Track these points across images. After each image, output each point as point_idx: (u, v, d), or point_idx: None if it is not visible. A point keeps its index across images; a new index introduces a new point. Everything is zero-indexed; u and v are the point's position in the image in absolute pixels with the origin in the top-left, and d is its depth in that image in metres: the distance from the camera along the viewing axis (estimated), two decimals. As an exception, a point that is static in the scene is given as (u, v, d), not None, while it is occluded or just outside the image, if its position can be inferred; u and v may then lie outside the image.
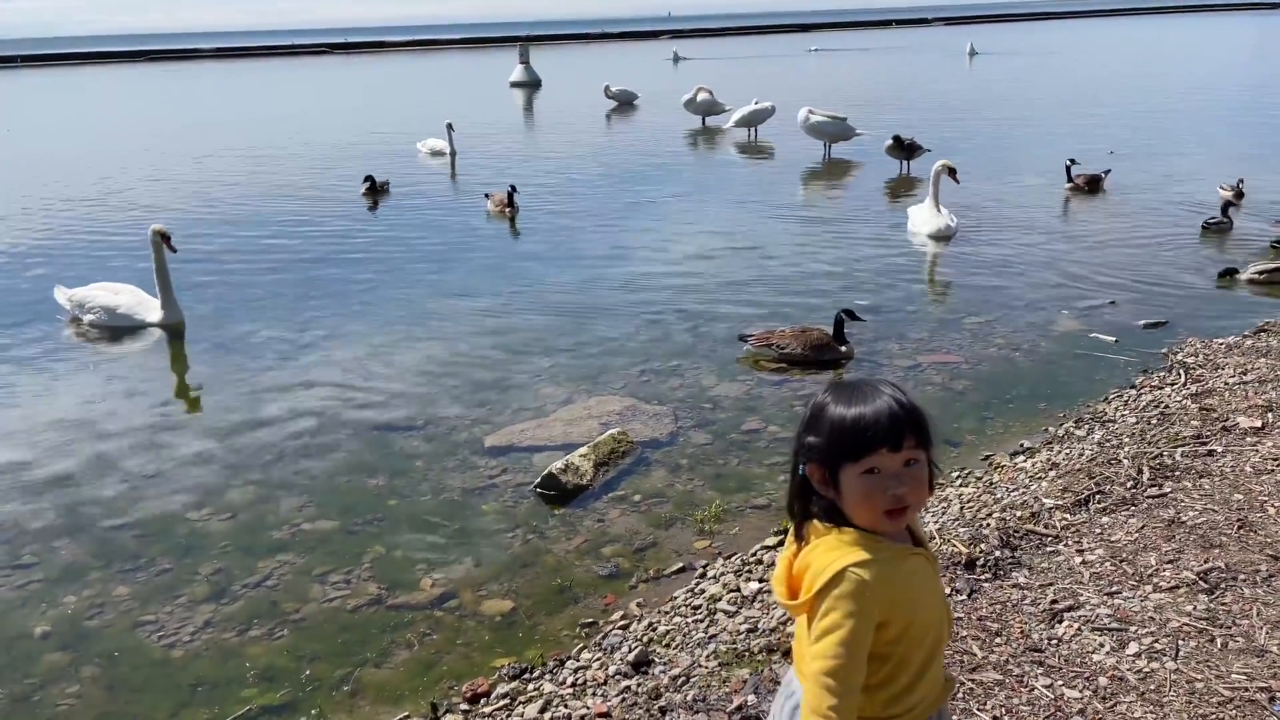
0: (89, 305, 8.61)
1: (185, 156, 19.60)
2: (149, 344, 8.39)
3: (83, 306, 8.64)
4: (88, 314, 8.61)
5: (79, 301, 8.65)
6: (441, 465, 5.91)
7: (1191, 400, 5.92)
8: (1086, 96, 26.14)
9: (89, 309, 8.61)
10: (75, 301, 8.67)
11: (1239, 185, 11.86)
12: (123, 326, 8.55)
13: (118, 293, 8.71)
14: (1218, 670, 3.32)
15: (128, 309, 8.63)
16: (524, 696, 3.73)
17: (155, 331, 8.55)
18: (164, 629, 4.42)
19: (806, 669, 1.81)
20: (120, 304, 8.64)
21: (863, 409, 1.82)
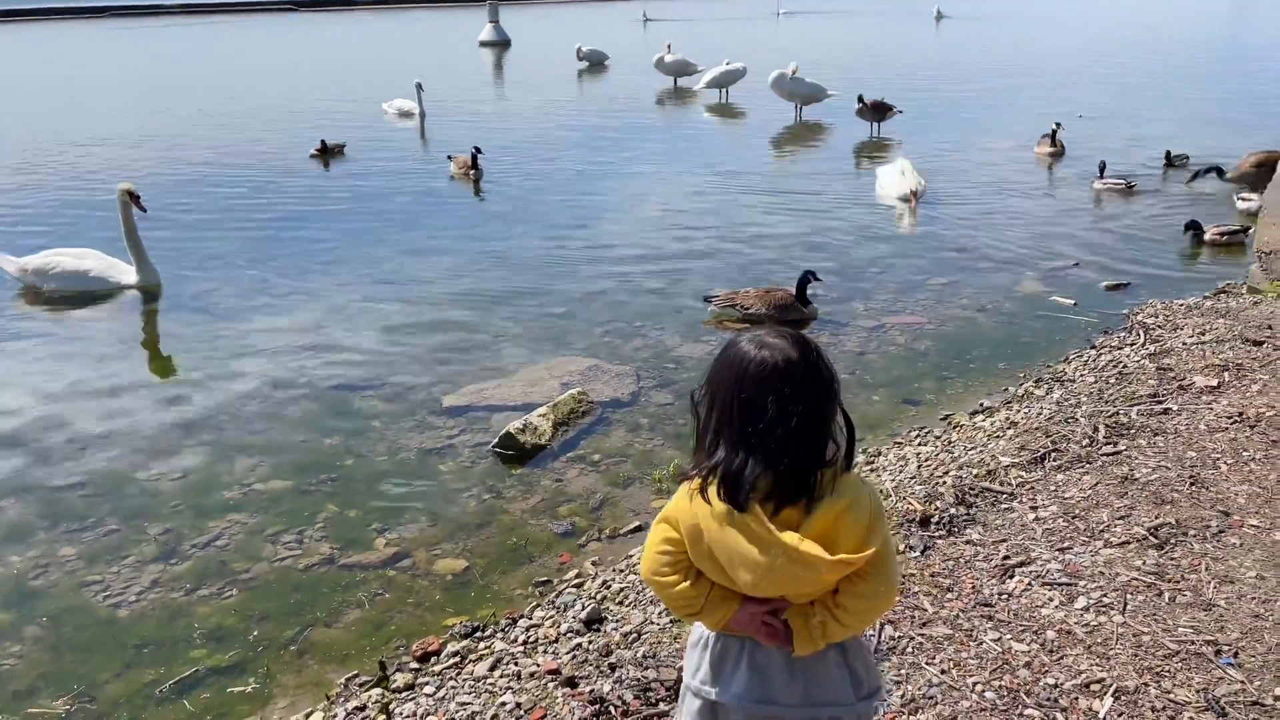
0: (51, 271, 8.20)
1: (142, 116, 19.13)
2: (117, 307, 8.12)
3: (43, 274, 8.21)
4: (49, 281, 8.20)
5: (37, 269, 8.23)
6: (399, 425, 5.84)
7: (1150, 360, 5.95)
8: (1055, 59, 26.12)
9: (51, 275, 8.20)
10: (32, 269, 8.24)
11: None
12: (93, 291, 8.21)
13: (82, 257, 8.35)
14: (1165, 624, 3.34)
15: (100, 272, 8.29)
16: (474, 654, 3.69)
17: (127, 295, 8.26)
18: (110, 589, 4.35)
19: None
20: (91, 268, 8.29)
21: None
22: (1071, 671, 3.14)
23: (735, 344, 1.98)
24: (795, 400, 1.88)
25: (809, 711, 2.01)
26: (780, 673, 2.01)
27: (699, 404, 2.00)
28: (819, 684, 2.01)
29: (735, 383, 1.92)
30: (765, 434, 1.88)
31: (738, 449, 1.91)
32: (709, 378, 2.00)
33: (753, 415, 1.89)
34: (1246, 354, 5.81)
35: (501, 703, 3.31)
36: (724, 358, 1.98)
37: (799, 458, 1.90)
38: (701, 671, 2.08)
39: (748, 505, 1.90)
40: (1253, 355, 5.78)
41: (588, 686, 3.29)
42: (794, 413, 1.88)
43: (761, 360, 1.91)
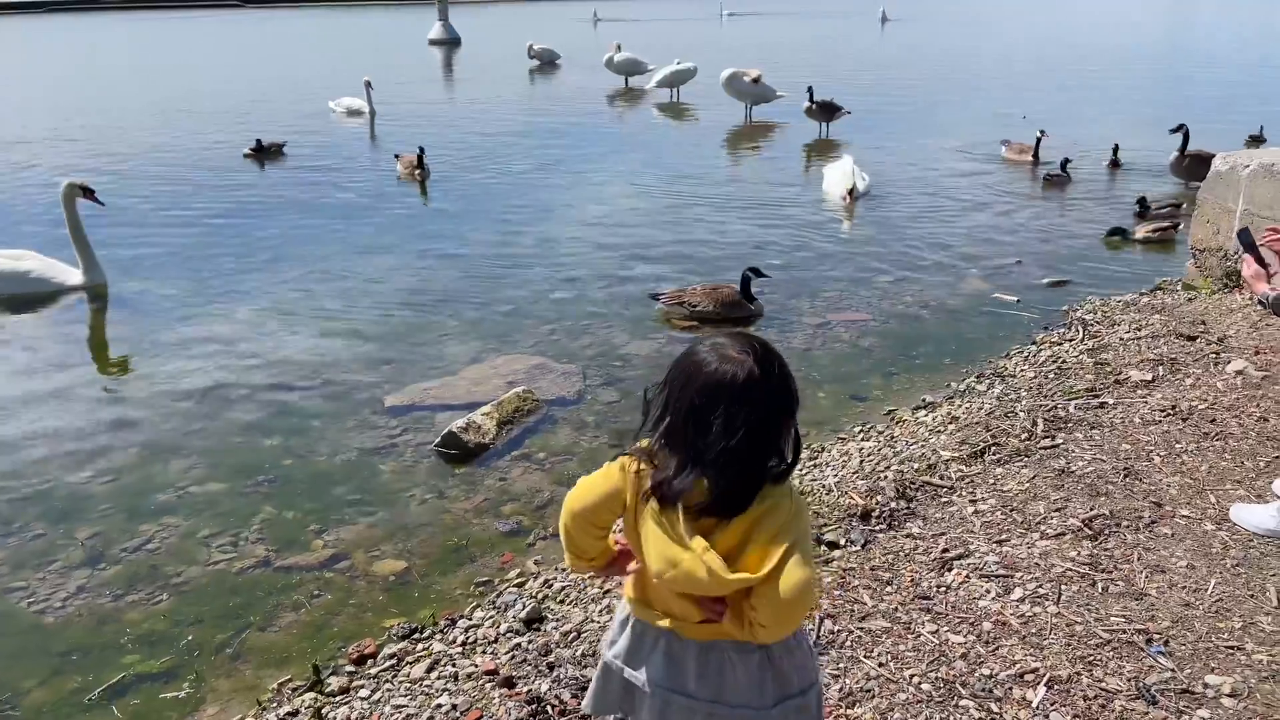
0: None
1: (78, 113, 18.68)
2: (57, 309, 7.81)
3: None
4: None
5: None
6: (340, 425, 5.73)
7: (1088, 355, 6.05)
8: (1001, 62, 26.57)
9: None
10: None
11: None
12: (33, 293, 7.87)
13: (19, 258, 8.00)
14: (1097, 613, 3.38)
15: (41, 273, 7.95)
16: (411, 656, 3.63)
17: (69, 296, 7.97)
18: (36, 595, 4.21)
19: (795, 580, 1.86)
20: (31, 269, 7.94)
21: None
22: (1006, 662, 3.17)
23: (697, 350, 1.96)
24: (746, 416, 1.86)
25: (720, 709, 2.01)
26: (694, 664, 2.01)
27: (651, 399, 2.00)
28: (733, 683, 2.01)
29: (690, 389, 1.90)
30: (710, 445, 1.87)
31: (681, 454, 1.90)
32: (667, 378, 1.98)
33: (701, 425, 1.88)
34: (1180, 349, 5.93)
35: (438, 704, 3.26)
36: (685, 362, 1.96)
37: (739, 474, 1.89)
38: (617, 647, 2.13)
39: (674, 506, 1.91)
40: (1186, 350, 5.90)
41: (525, 686, 3.25)
42: (742, 428, 1.86)
43: (721, 373, 1.88)
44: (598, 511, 2.04)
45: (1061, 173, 11.87)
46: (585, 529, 2.07)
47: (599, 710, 2.24)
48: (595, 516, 2.05)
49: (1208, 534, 3.86)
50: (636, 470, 2.00)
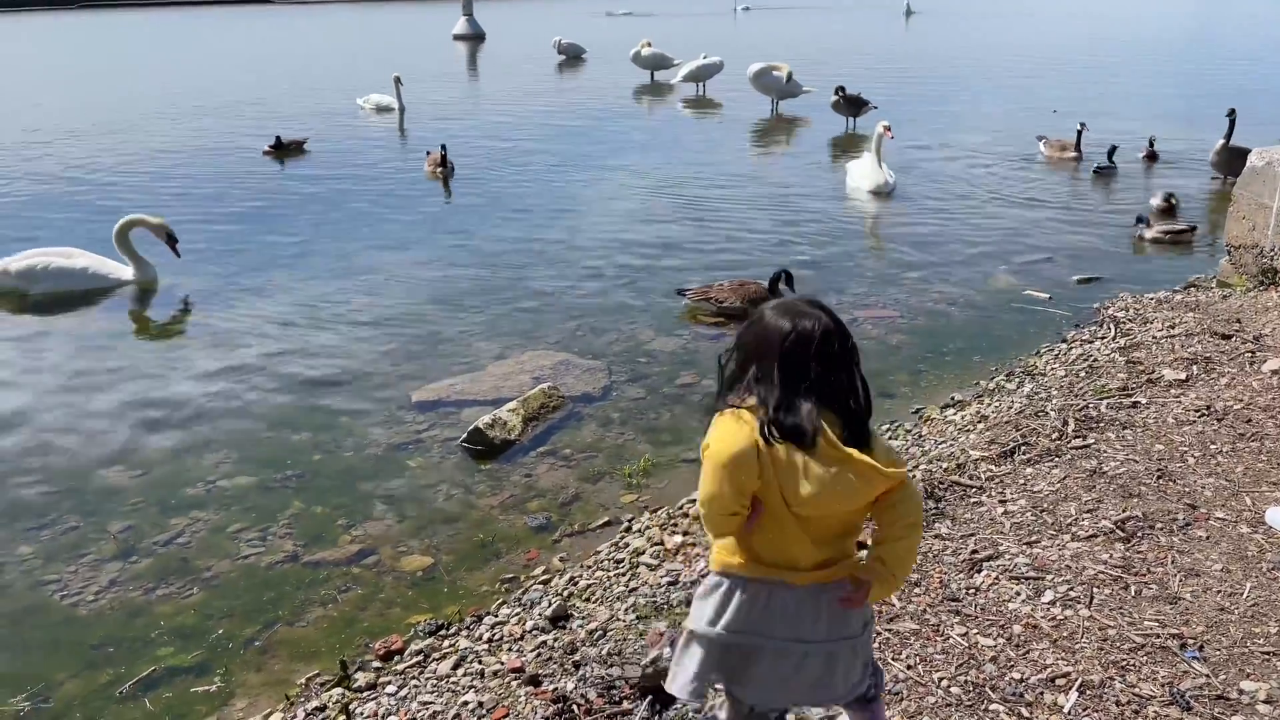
0: (41, 272, 7.90)
1: (110, 110, 18.89)
2: (101, 307, 7.88)
3: (29, 276, 7.88)
4: (41, 283, 7.89)
5: (21, 272, 7.88)
6: (367, 421, 5.77)
7: (1120, 354, 5.97)
8: (1028, 55, 26.26)
9: (41, 277, 7.90)
10: (15, 272, 7.88)
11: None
12: (88, 290, 7.99)
13: (72, 256, 8.10)
14: (1130, 617, 3.33)
15: (97, 270, 8.09)
16: (438, 653, 3.65)
17: (117, 294, 8.06)
18: (68, 588, 4.26)
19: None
20: (86, 266, 8.08)
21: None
22: (1037, 666, 3.13)
23: (771, 314, 2.18)
24: (841, 357, 2.14)
25: (830, 645, 2.24)
26: (808, 609, 2.21)
27: (728, 365, 2.23)
28: (837, 620, 2.23)
29: (778, 345, 2.11)
30: (821, 387, 2.10)
31: (788, 401, 2.09)
32: (745, 346, 2.19)
33: (802, 372, 2.10)
34: (1215, 347, 5.84)
35: (464, 702, 3.27)
36: (764, 324, 2.16)
37: (856, 407, 2.15)
38: (721, 618, 2.22)
39: (815, 442, 2.08)
40: (1221, 349, 5.81)
41: (551, 685, 3.25)
42: (843, 369, 2.14)
43: (807, 325, 2.12)
44: (747, 456, 2.09)
45: (1110, 164, 11.69)
46: (745, 473, 2.09)
47: (698, 690, 2.31)
48: (747, 462, 2.09)
49: (1243, 537, 3.79)
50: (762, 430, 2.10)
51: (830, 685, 2.28)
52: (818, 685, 2.27)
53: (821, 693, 2.32)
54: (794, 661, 2.23)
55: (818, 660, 2.24)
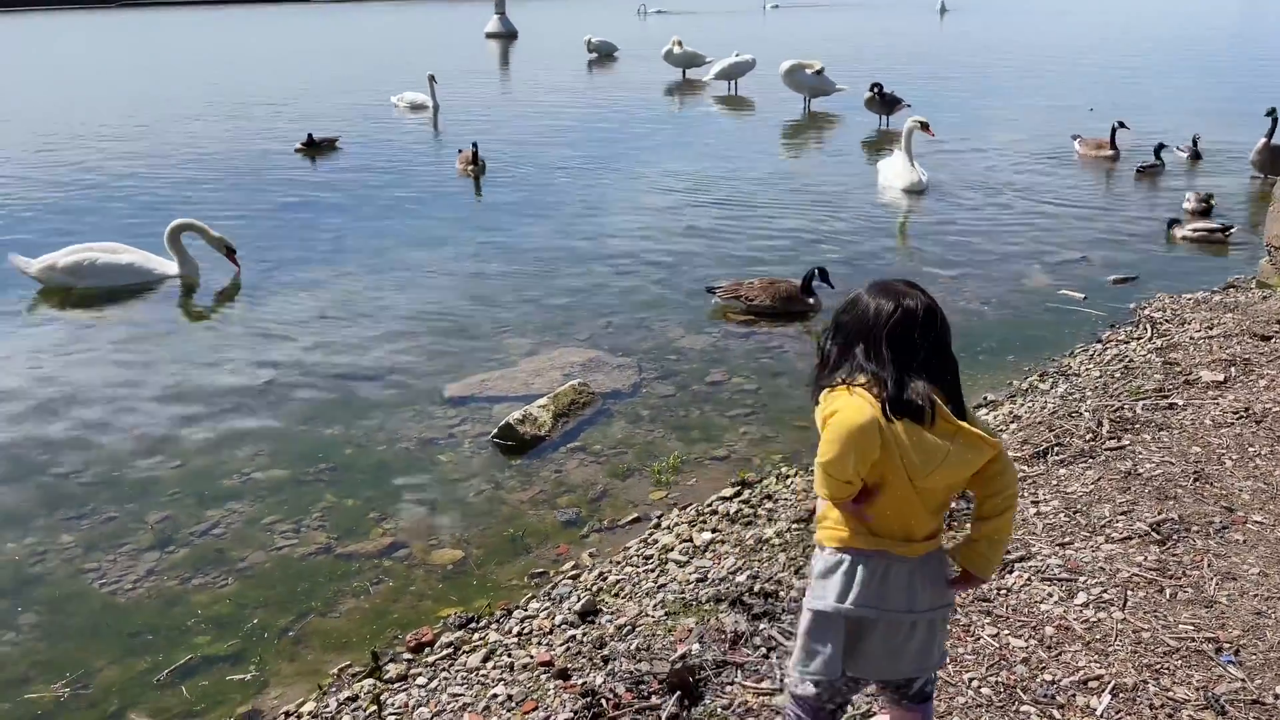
0: (87, 267, 8.02)
1: (141, 107, 19.17)
2: (141, 302, 8.01)
3: (76, 272, 7.99)
4: (88, 278, 8.02)
5: (68, 267, 7.98)
6: (400, 415, 5.82)
7: (1156, 354, 5.89)
8: (1065, 53, 25.95)
9: (88, 272, 8.02)
10: (61, 268, 7.98)
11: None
12: (132, 285, 8.14)
13: (117, 252, 8.24)
14: (1165, 620, 3.30)
15: (142, 265, 8.24)
16: (468, 646, 3.68)
17: (160, 289, 8.21)
18: (107, 576, 4.34)
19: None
20: (131, 261, 8.22)
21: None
22: (1069, 668, 3.10)
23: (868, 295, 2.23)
24: (941, 335, 2.20)
25: (932, 614, 2.31)
26: (918, 579, 2.28)
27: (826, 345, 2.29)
28: (939, 589, 2.32)
29: (885, 324, 2.17)
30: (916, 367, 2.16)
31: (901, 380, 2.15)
32: (847, 327, 2.25)
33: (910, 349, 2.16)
34: (1254, 349, 5.75)
35: (493, 694, 3.29)
36: (861, 304, 2.23)
37: (956, 381, 2.23)
38: (854, 592, 2.26)
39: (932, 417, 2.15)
40: (1260, 350, 5.72)
41: (580, 679, 3.27)
42: (946, 345, 2.21)
43: (910, 304, 2.19)
44: (872, 427, 2.14)
45: (1157, 161, 11.55)
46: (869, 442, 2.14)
47: (831, 670, 2.32)
48: (872, 432, 2.14)
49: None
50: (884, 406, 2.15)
51: (929, 654, 2.34)
52: (919, 655, 2.33)
53: (921, 662, 2.35)
54: (904, 632, 2.29)
55: (922, 630, 2.30)
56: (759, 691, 3.11)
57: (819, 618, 2.32)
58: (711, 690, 3.13)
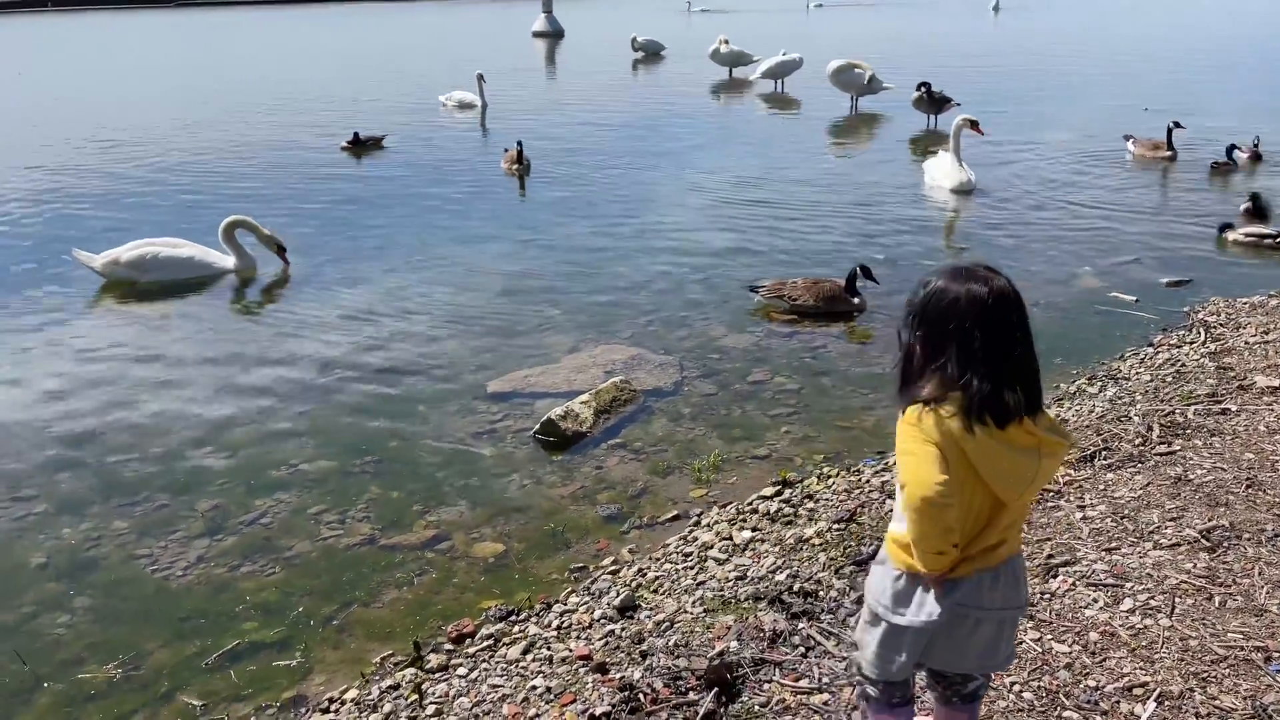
0: (151, 262, 8.21)
1: (201, 104, 19.56)
2: (202, 295, 8.20)
3: (139, 266, 8.18)
4: (152, 272, 8.21)
5: (131, 262, 8.17)
6: (444, 409, 5.89)
7: (1209, 359, 5.77)
8: (1120, 52, 25.47)
9: (152, 266, 8.22)
10: (125, 262, 8.16)
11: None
12: (192, 279, 8.33)
13: (177, 246, 8.43)
14: (1213, 628, 3.24)
15: (202, 259, 8.44)
16: (508, 638, 3.71)
17: (220, 282, 8.41)
18: (159, 563, 4.45)
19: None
20: (193, 255, 8.42)
21: None
22: (1114, 674, 3.06)
23: (954, 285, 2.11)
24: (1023, 323, 2.11)
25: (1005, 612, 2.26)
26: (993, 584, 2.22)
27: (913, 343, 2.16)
28: (1013, 590, 2.26)
29: (981, 318, 2.07)
30: (1013, 358, 2.08)
31: (989, 375, 2.06)
32: (932, 319, 2.12)
33: (1000, 343, 2.07)
34: (1312, 354, 5.61)
35: (532, 686, 3.32)
36: (950, 297, 2.10)
37: (1035, 372, 2.13)
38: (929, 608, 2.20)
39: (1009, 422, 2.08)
40: (1319, 356, 5.58)
41: (618, 673, 3.29)
42: (1026, 334, 2.11)
43: (999, 294, 2.08)
44: (946, 492, 2.06)
45: (1228, 160, 11.33)
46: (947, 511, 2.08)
47: (904, 672, 2.33)
48: (947, 496, 2.07)
49: (1338, 551, 3.64)
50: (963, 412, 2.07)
51: (995, 652, 2.30)
52: (985, 652, 2.29)
53: (985, 660, 2.32)
54: (969, 626, 2.24)
55: (989, 627, 2.25)
56: (796, 690, 3.10)
57: (895, 630, 2.27)
58: (749, 688, 3.13)
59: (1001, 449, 2.09)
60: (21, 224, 10.39)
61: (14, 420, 5.86)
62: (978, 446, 2.08)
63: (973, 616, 2.23)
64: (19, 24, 48.56)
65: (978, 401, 2.06)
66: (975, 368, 2.07)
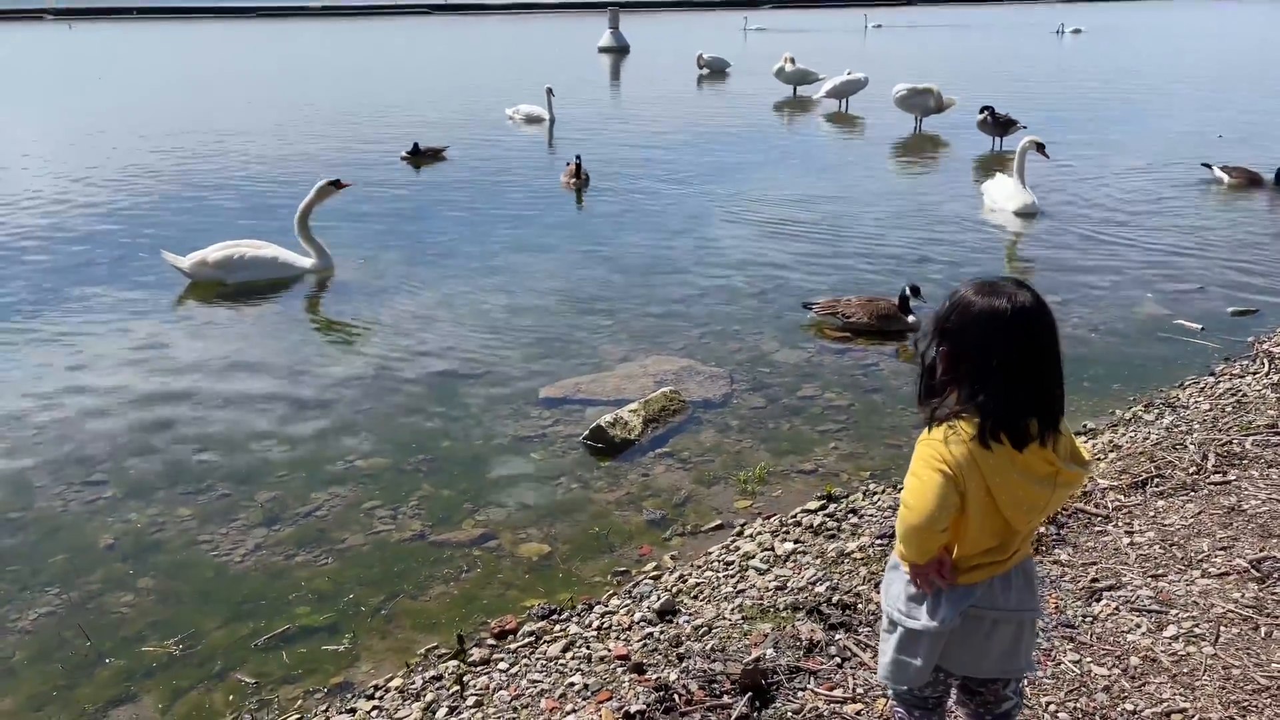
0: (237, 262, 8.41)
1: (276, 111, 20.14)
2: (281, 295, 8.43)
3: (227, 266, 8.39)
4: (239, 273, 8.43)
5: (218, 262, 8.38)
6: (496, 413, 6.01)
7: (1272, 390, 5.65)
8: (1193, 79, 24.93)
9: (240, 267, 8.43)
10: (212, 263, 8.37)
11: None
12: (277, 279, 8.57)
13: (261, 247, 8.64)
14: (1257, 658, 3.19)
15: (285, 259, 8.66)
16: (549, 636, 3.79)
17: (301, 281, 8.68)
18: (219, 548, 4.62)
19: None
20: (277, 255, 8.63)
21: None
22: (1153, 700, 3.03)
23: (978, 300, 2.11)
24: (1049, 341, 2.08)
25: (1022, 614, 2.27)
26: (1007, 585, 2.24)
27: (934, 356, 2.17)
28: (1027, 592, 2.27)
29: (999, 335, 2.06)
30: (1032, 377, 2.05)
31: (1011, 396, 2.05)
32: (953, 332, 2.12)
33: (1019, 361, 2.05)
34: (1381, 389, 5.46)
35: (570, 683, 3.40)
36: (974, 312, 2.10)
37: (1058, 394, 2.10)
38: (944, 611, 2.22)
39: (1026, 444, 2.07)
40: (1388, 391, 5.43)
41: (654, 674, 3.35)
42: (1051, 353, 2.08)
43: (1021, 311, 2.06)
44: (942, 515, 2.12)
45: None
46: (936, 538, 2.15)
47: (920, 679, 2.33)
48: (942, 519, 2.12)
49: (1395, 588, 3.56)
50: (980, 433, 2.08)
51: (1014, 657, 2.30)
52: (1004, 656, 2.29)
53: (1006, 664, 2.31)
54: (985, 629, 2.25)
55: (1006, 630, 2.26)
56: (830, 699, 3.13)
57: (911, 634, 2.29)
58: (783, 694, 3.17)
59: (1016, 476, 2.09)
60: (108, 221, 10.83)
61: (91, 409, 6.12)
62: (993, 469, 2.08)
63: (988, 618, 2.24)
64: (104, 30, 50.45)
65: (992, 421, 2.06)
66: (991, 385, 2.06)
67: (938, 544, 2.18)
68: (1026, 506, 2.14)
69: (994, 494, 2.11)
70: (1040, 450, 2.10)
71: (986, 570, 2.23)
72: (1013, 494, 2.11)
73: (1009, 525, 2.18)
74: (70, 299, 8.20)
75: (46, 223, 10.76)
